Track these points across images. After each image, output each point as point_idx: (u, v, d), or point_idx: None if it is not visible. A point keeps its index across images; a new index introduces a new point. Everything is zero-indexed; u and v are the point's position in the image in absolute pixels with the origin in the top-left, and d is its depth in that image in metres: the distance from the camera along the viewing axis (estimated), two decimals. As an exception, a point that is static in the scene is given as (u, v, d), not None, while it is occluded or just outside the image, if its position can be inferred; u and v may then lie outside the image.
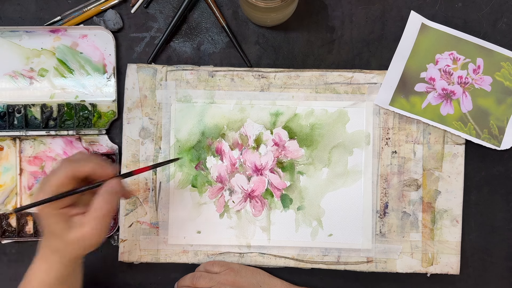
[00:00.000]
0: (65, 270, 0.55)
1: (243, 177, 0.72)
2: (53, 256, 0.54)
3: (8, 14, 0.73)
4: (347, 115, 0.71)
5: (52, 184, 0.51)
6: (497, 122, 0.70)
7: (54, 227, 0.52)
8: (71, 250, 0.54)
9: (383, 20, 0.73)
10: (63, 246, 0.53)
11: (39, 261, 0.55)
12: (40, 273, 0.55)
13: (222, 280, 0.68)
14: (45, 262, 0.55)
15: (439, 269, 0.71)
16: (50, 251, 0.54)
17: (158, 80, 0.71)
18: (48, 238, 0.54)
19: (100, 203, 0.52)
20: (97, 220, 0.52)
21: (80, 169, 0.52)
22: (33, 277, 0.55)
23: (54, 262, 0.54)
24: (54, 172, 0.52)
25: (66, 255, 0.54)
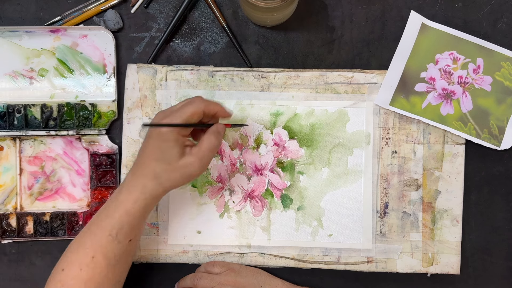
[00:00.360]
0: (150, 203, 0.60)
1: (243, 177, 0.72)
2: (146, 186, 0.59)
3: (8, 14, 0.73)
4: (347, 115, 0.71)
5: (186, 112, 0.58)
6: (497, 122, 0.70)
7: (170, 151, 0.58)
8: (174, 177, 0.59)
9: (383, 20, 0.73)
10: (169, 171, 0.59)
11: (126, 191, 0.59)
12: (126, 202, 0.59)
13: (222, 281, 0.67)
14: (133, 192, 0.59)
15: (439, 269, 0.71)
16: (140, 181, 0.59)
17: (158, 80, 0.71)
18: (151, 164, 0.59)
19: (210, 139, 0.59)
20: (205, 153, 0.59)
21: (211, 108, 0.60)
22: (120, 206, 0.59)
23: (142, 192, 0.59)
24: (190, 103, 0.59)
25: (164, 182, 0.59)
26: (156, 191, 0.59)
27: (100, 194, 0.72)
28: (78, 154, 0.73)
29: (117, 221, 0.59)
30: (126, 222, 0.59)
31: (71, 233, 0.72)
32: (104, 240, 0.59)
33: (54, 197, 0.73)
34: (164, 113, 0.60)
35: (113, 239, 0.59)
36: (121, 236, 0.59)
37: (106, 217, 0.60)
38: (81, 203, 0.73)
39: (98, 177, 0.72)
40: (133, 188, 0.59)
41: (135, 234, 0.61)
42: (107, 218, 0.59)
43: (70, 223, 0.72)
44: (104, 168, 0.72)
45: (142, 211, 0.60)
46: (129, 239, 0.60)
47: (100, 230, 0.59)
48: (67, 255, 0.60)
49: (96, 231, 0.59)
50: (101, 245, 0.59)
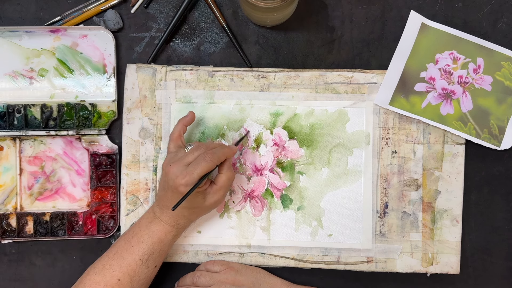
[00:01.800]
0: (180, 233, 0.68)
1: (243, 177, 0.72)
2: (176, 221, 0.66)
3: (8, 14, 0.73)
4: (347, 115, 0.71)
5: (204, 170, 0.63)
6: (497, 122, 0.70)
7: (195, 200, 0.65)
8: (203, 213, 0.69)
9: (383, 20, 0.73)
10: (197, 212, 0.67)
11: (160, 223, 0.66)
12: (160, 232, 0.65)
13: (222, 279, 0.68)
14: (166, 225, 0.66)
15: (439, 269, 0.70)
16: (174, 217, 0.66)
17: (157, 80, 0.71)
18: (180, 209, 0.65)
19: (225, 176, 0.66)
20: (224, 189, 0.66)
21: (222, 158, 0.65)
22: (154, 234, 0.65)
23: (174, 225, 0.66)
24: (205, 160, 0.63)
25: (194, 219, 0.68)
26: (186, 225, 0.68)
27: (100, 194, 0.72)
28: (78, 154, 0.73)
29: (149, 247, 0.65)
30: (158, 249, 0.65)
31: (71, 233, 0.72)
32: (134, 264, 0.64)
33: (54, 197, 0.73)
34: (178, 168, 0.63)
35: (142, 264, 0.64)
36: (150, 262, 0.65)
37: (138, 243, 0.65)
38: (81, 203, 0.73)
39: (98, 177, 0.72)
40: (166, 222, 0.66)
41: (160, 261, 0.67)
42: (139, 244, 0.65)
43: (70, 223, 0.72)
44: (104, 168, 0.72)
45: (173, 240, 0.67)
46: (155, 265, 0.66)
47: (130, 254, 0.64)
48: (90, 276, 0.64)
49: (124, 255, 0.64)
50: (129, 268, 0.64)
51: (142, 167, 0.72)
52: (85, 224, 0.72)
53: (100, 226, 0.72)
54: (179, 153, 0.65)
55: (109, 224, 0.72)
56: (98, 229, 0.72)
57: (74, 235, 0.72)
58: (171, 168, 0.63)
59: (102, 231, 0.72)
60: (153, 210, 0.67)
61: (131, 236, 0.66)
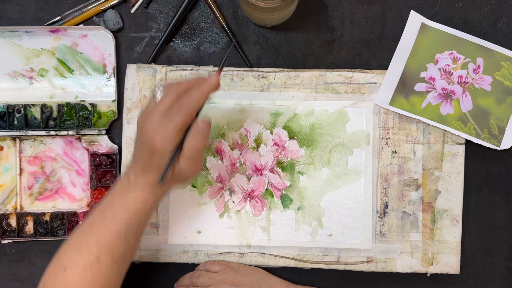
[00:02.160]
0: (158, 202, 0.60)
1: (243, 177, 0.72)
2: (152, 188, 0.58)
3: (8, 14, 0.73)
4: (347, 115, 0.71)
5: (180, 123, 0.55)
6: (497, 121, 0.70)
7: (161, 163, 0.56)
8: (175, 182, 0.59)
9: (383, 20, 0.73)
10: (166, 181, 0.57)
11: (136, 192, 0.58)
12: (136, 203, 0.58)
13: (221, 279, 0.68)
14: (143, 193, 0.58)
15: (439, 269, 0.70)
16: (150, 184, 0.58)
17: (158, 80, 0.71)
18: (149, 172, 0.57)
19: (192, 143, 0.56)
20: (190, 158, 0.57)
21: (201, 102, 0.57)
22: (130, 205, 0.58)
23: (151, 194, 0.58)
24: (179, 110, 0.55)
25: (168, 187, 0.60)
26: (166, 191, 0.61)
27: (100, 194, 0.72)
28: (78, 154, 0.73)
29: (126, 220, 0.58)
30: (136, 221, 0.58)
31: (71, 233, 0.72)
32: (111, 239, 0.57)
33: (54, 197, 0.73)
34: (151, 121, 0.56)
35: (121, 238, 0.58)
36: (129, 235, 0.58)
37: (113, 216, 0.58)
38: (81, 203, 0.73)
39: (98, 177, 0.72)
40: (142, 189, 0.58)
41: (142, 231, 0.61)
42: (114, 217, 0.58)
43: (70, 223, 0.72)
44: (104, 168, 0.72)
45: (151, 210, 0.60)
46: (136, 236, 0.60)
47: (106, 229, 0.58)
48: (67, 253, 0.58)
49: (100, 230, 0.58)
50: (107, 244, 0.57)
51: (142, 167, 0.72)
52: (85, 224, 0.72)
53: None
54: (150, 103, 0.57)
55: (109, 224, 0.72)
56: (98, 229, 0.72)
57: (74, 235, 0.72)
58: (143, 121, 0.56)
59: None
60: (128, 177, 0.58)
61: (105, 208, 0.58)
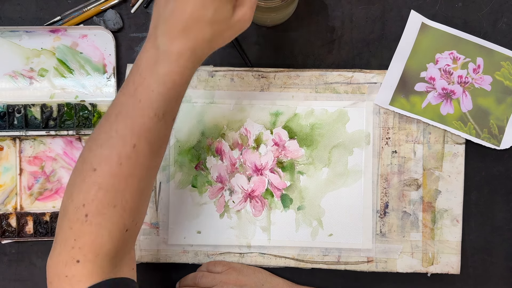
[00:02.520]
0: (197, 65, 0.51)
1: (243, 177, 0.72)
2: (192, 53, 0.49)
3: (8, 14, 0.73)
4: (347, 115, 0.71)
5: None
6: (497, 121, 0.70)
7: (223, 10, 0.49)
8: (228, 35, 0.51)
9: (383, 20, 0.73)
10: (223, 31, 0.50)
11: (169, 63, 0.49)
12: (172, 75, 0.49)
13: (224, 279, 0.68)
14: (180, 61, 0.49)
15: (439, 269, 0.70)
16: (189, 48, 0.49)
17: (158, 80, 0.71)
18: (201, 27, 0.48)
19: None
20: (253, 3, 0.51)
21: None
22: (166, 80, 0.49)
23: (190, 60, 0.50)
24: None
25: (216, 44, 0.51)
26: (206, 54, 0.51)
27: (100, 194, 0.72)
28: (78, 154, 0.73)
29: (164, 98, 0.49)
30: (174, 96, 0.50)
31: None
32: (148, 122, 0.49)
33: (54, 197, 0.73)
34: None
35: (159, 120, 0.49)
36: (168, 115, 0.50)
37: (147, 94, 0.49)
38: (81, 203, 0.73)
39: (98, 177, 0.72)
40: (177, 57, 0.49)
41: (178, 108, 0.52)
42: (148, 97, 0.49)
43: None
44: (104, 168, 0.72)
45: (190, 78, 0.51)
46: (173, 117, 0.52)
47: (140, 111, 0.49)
48: (95, 151, 0.50)
49: (134, 114, 0.49)
50: (143, 129, 0.49)
51: (142, 167, 0.72)
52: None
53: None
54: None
55: (109, 224, 0.72)
56: (98, 229, 0.72)
57: (74, 235, 0.72)
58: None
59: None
60: (155, 43, 0.49)
61: (135, 88, 0.49)
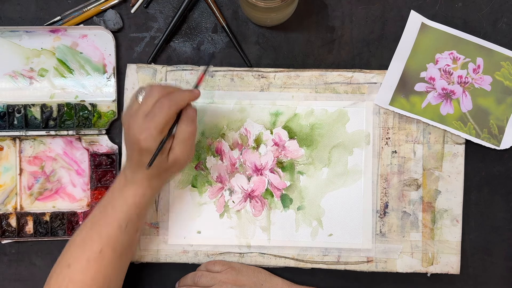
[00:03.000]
0: (156, 194, 0.65)
1: (243, 177, 0.72)
2: (148, 182, 0.61)
3: (8, 14, 0.73)
4: (347, 115, 0.71)
5: (162, 122, 0.57)
6: (497, 121, 0.70)
7: (157, 158, 0.59)
8: (171, 172, 0.63)
9: (383, 20, 0.73)
10: (163, 170, 0.61)
11: (133, 187, 0.61)
12: (135, 197, 0.61)
13: (223, 279, 0.68)
14: (140, 187, 0.61)
15: (439, 269, 0.70)
16: (146, 178, 0.61)
17: (158, 80, 0.71)
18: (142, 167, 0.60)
19: (183, 129, 0.59)
20: (183, 142, 0.60)
21: (182, 104, 0.59)
22: (129, 199, 0.61)
23: (148, 187, 0.62)
24: (160, 109, 0.57)
25: (165, 178, 0.63)
26: (161, 185, 0.64)
27: (100, 194, 0.72)
28: (78, 154, 0.73)
29: (126, 214, 0.61)
30: (135, 214, 0.62)
31: (71, 233, 0.72)
32: (113, 233, 0.61)
33: (54, 197, 0.73)
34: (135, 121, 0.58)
35: (122, 231, 0.61)
36: (130, 228, 0.62)
37: (113, 211, 0.61)
38: (81, 203, 0.73)
39: (98, 177, 0.72)
40: (139, 184, 0.61)
41: (141, 224, 0.64)
42: (114, 212, 0.61)
43: (70, 223, 0.72)
44: (104, 168, 0.72)
45: (149, 202, 0.64)
46: (136, 230, 0.63)
47: (107, 223, 0.61)
48: (71, 250, 0.62)
49: (102, 225, 0.61)
50: (109, 237, 0.61)
51: (142, 167, 0.72)
52: (85, 224, 0.72)
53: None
54: (134, 104, 0.59)
55: (109, 224, 0.72)
56: (98, 229, 0.72)
57: (74, 235, 0.72)
58: (128, 123, 0.58)
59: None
60: (124, 173, 0.62)
61: (106, 205, 0.62)
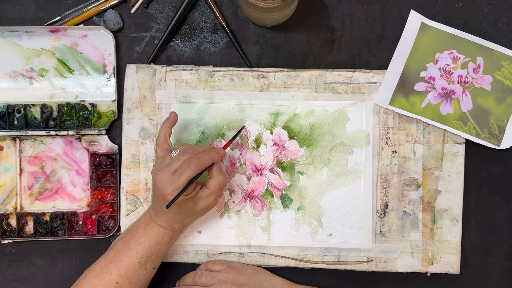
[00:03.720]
0: (175, 236, 0.68)
1: (243, 177, 0.72)
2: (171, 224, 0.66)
3: (8, 14, 0.73)
4: (347, 114, 0.71)
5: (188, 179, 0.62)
6: (497, 121, 0.70)
7: (186, 206, 0.64)
8: (197, 217, 0.68)
9: (383, 20, 0.73)
10: (190, 216, 0.66)
11: (156, 226, 0.66)
12: (156, 235, 0.66)
13: (223, 278, 0.68)
14: (162, 228, 0.66)
15: (439, 269, 0.70)
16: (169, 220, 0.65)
17: (157, 81, 0.71)
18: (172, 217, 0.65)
19: (215, 181, 0.65)
20: (215, 193, 0.65)
21: (208, 163, 0.63)
22: (151, 237, 0.65)
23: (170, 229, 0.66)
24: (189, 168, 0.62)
25: (188, 223, 0.68)
26: (182, 228, 0.68)
27: (100, 194, 0.72)
28: (78, 154, 0.73)
29: (147, 250, 0.65)
30: (155, 251, 0.66)
31: (71, 233, 0.72)
32: (132, 267, 0.64)
33: (54, 197, 0.73)
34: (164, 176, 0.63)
35: (140, 266, 0.65)
36: (148, 264, 0.65)
37: (136, 245, 0.65)
38: (81, 203, 0.73)
39: (98, 177, 0.72)
40: (161, 225, 0.66)
41: (158, 263, 0.67)
42: (136, 247, 0.65)
43: (70, 223, 0.72)
44: (104, 168, 0.72)
45: (170, 242, 0.67)
46: (153, 267, 0.67)
47: (128, 257, 0.65)
48: (88, 279, 0.64)
49: (122, 258, 0.65)
50: (127, 271, 0.64)
51: (142, 167, 0.72)
52: (85, 224, 0.72)
53: (100, 226, 0.72)
54: (166, 159, 0.64)
55: (109, 224, 0.72)
56: (98, 229, 0.72)
57: (74, 235, 0.72)
58: (157, 176, 0.63)
59: (102, 231, 0.72)
60: (150, 213, 0.67)
61: (129, 239, 0.66)
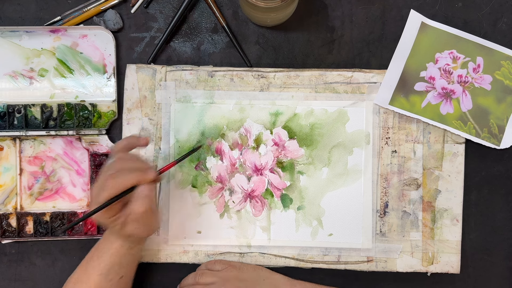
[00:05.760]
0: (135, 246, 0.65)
1: (243, 177, 0.72)
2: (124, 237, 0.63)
3: (8, 14, 0.73)
4: (347, 114, 0.71)
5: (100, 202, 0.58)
6: (497, 121, 0.70)
7: (111, 229, 0.63)
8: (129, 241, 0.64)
9: (383, 20, 0.73)
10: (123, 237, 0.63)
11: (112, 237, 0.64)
12: (113, 244, 0.64)
13: (224, 276, 0.68)
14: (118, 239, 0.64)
15: (439, 268, 0.70)
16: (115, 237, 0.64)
17: (157, 81, 0.71)
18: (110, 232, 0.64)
19: (135, 207, 0.59)
20: (136, 221, 0.60)
21: (125, 184, 0.59)
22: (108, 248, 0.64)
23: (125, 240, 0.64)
24: (105, 190, 0.58)
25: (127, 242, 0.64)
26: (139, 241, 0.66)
27: (100, 194, 0.72)
28: (78, 154, 0.73)
29: (107, 261, 0.64)
30: (117, 261, 0.64)
31: (71, 233, 0.72)
32: (97, 280, 0.64)
33: (54, 197, 0.73)
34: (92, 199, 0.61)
35: (103, 278, 0.64)
36: (111, 275, 0.64)
37: (98, 257, 0.64)
38: (81, 203, 0.73)
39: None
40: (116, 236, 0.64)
41: (126, 272, 0.66)
42: (98, 258, 0.64)
43: (70, 223, 0.72)
44: (104, 168, 0.72)
45: (129, 253, 0.65)
46: (120, 276, 0.65)
47: (92, 269, 0.64)
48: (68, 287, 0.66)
49: (89, 270, 0.65)
50: (94, 283, 0.64)
51: (142, 167, 0.72)
52: (85, 224, 0.72)
53: (100, 226, 0.72)
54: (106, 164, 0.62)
55: (109, 224, 0.72)
56: (98, 229, 0.72)
57: (74, 235, 0.72)
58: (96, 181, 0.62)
59: (102, 231, 0.72)
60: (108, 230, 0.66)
61: (95, 249, 0.66)
